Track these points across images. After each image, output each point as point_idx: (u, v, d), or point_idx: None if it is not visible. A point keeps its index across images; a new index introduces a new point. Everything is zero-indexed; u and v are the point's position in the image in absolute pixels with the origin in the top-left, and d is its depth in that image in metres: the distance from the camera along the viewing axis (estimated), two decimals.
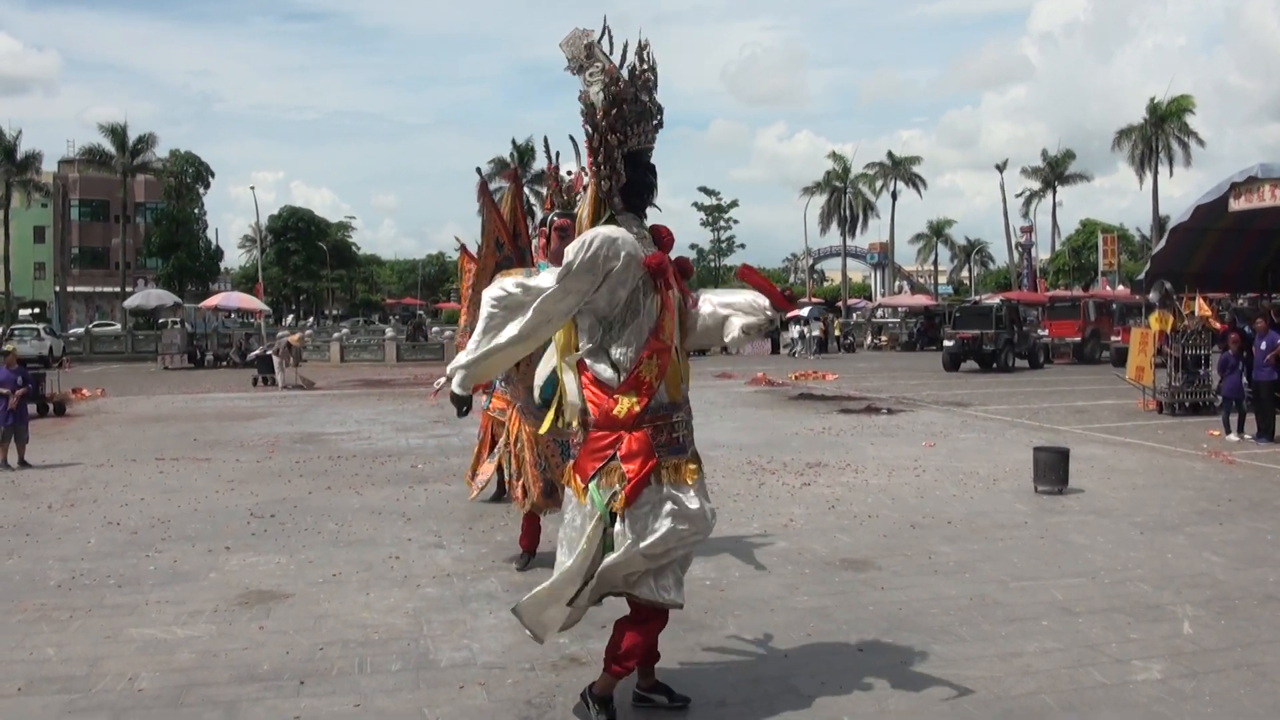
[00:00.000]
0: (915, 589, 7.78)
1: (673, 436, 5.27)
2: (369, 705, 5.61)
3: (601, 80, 5.28)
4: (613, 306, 5.18)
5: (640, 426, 5.13)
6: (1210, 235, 23.05)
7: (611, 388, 5.17)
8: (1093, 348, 40.00)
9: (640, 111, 5.32)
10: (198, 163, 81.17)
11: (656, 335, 5.17)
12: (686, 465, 5.28)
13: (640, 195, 5.45)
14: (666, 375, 5.23)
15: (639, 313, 5.18)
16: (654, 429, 5.18)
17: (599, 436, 5.19)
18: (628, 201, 5.41)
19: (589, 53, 5.35)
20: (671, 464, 5.21)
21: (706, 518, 5.25)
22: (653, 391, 5.17)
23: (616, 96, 5.23)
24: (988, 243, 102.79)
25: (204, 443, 17.09)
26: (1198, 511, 10.62)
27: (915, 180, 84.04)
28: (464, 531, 9.95)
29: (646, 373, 5.16)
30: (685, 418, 5.39)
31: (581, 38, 5.38)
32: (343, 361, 45.29)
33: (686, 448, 5.35)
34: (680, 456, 5.27)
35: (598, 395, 5.21)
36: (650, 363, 5.16)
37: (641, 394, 5.14)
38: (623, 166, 5.31)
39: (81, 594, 7.86)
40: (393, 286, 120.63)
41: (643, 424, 5.14)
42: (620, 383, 5.16)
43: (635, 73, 5.31)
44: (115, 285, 72.92)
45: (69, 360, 40.97)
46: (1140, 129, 69.44)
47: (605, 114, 5.24)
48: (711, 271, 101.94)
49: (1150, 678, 5.92)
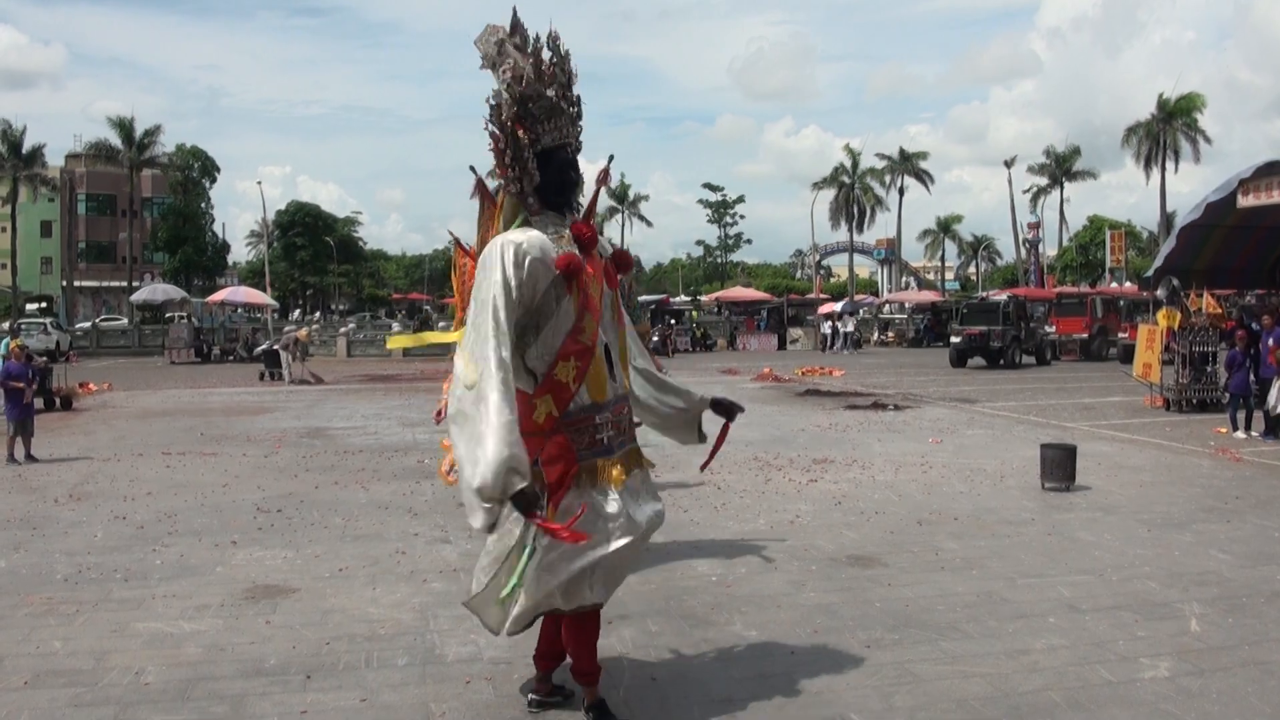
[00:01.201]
0: (922, 586, 7.77)
1: (596, 439, 5.05)
2: (375, 700, 5.61)
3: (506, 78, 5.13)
4: (527, 313, 4.96)
5: (559, 431, 4.96)
6: (1218, 232, 23.00)
7: (528, 393, 4.97)
8: (1100, 344, 39.95)
9: (549, 107, 5.14)
10: (204, 157, 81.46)
11: (575, 337, 4.98)
12: (612, 467, 5.07)
13: (559, 194, 5.24)
14: (588, 376, 5.04)
15: (553, 315, 4.97)
16: (575, 432, 5.00)
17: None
18: (545, 201, 5.21)
19: (500, 49, 5.18)
20: (593, 466, 5.02)
21: (631, 521, 5.03)
22: (571, 394, 5.00)
23: (522, 95, 5.07)
24: (995, 239, 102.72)
25: (211, 437, 17.12)
26: (1205, 509, 10.60)
27: (923, 175, 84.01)
28: (470, 527, 9.92)
29: (563, 374, 4.99)
30: (612, 417, 5.17)
31: (492, 34, 5.21)
32: (349, 356, 45.33)
33: (614, 449, 5.13)
34: (605, 458, 5.07)
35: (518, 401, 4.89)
36: (567, 365, 4.98)
37: (559, 397, 4.98)
38: (534, 166, 5.13)
39: (88, 588, 7.87)
40: (399, 282, 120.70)
41: (561, 429, 4.97)
42: (535, 387, 5.00)
43: (543, 68, 5.14)
44: (122, 280, 73.20)
45: (76, 354, 40.95)
46: (1148, 125, 69.28)
47: (509, 112, 5.08)
48: (718, 267, 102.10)
49: (1158, 675, 5.90)
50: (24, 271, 73.78)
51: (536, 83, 5.10)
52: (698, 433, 6.24)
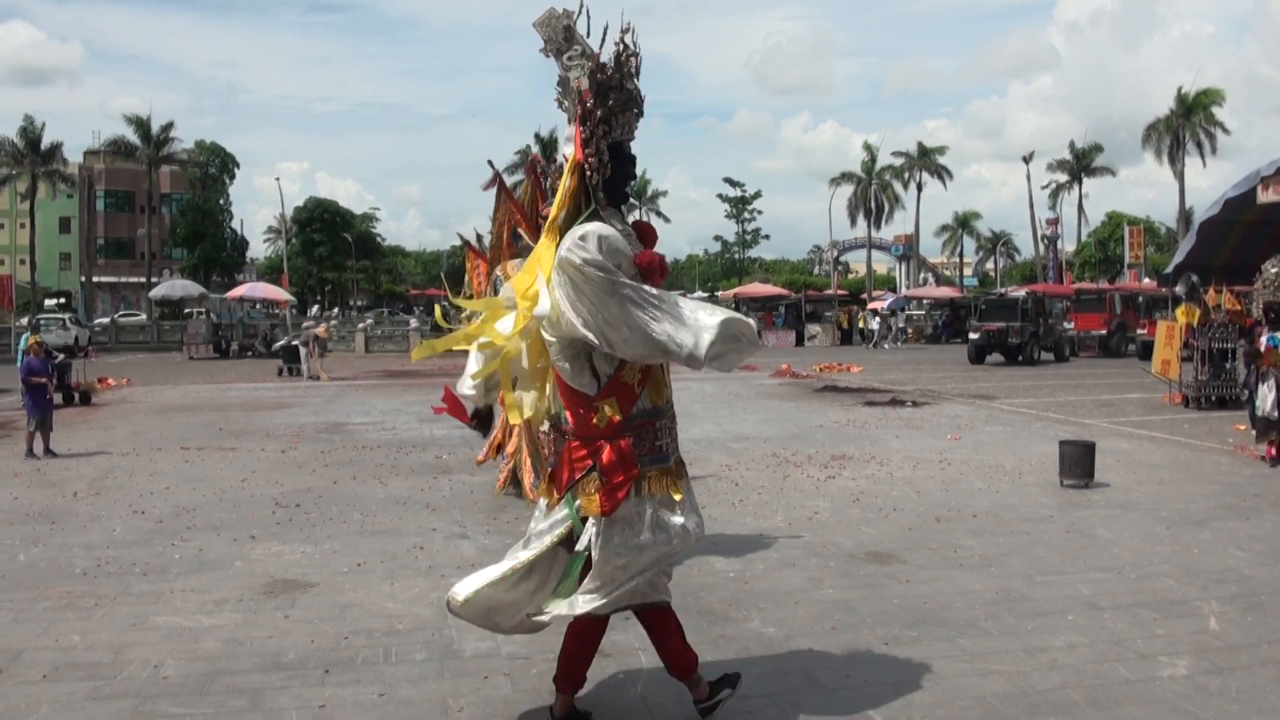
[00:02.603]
0: (940, 583, 7.76)
1: (655, 445, 4.98)
2: (393, 695, 5.63)
3: (583, 65, 5.04)
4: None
5: (622, 435, 4.88)
6: (1237, 228, 22.88)
7: (589, 397, 4.90)
8: (1118, 341, 39.77)
9: (625, 100, 5.06)
10: (223, 154, 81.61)
11: None
12: (670, 475, 4.99)
13: (621, 188, 5.18)
14: (650, 379, 4.98)
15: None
16: (636, 437, 4.91)
17: (576, 446, 4.97)
18: (610, 196, 5.12)
19: (568, 35, 5.14)
20: (653, 474, 4.93)
21: (689, 532, 4.97)
22: (635, 397, 4.92)
23: (604, 84, 4.98)
24: (1013, 235, 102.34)
25: (229, 432, 17.18)
26: (1224, 506, 10.55)
27: (941, 171, 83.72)
28: (488, 522, 9.97)
29: (629, 376, 4.90)
30: (669, 424, 5.09)
31: (560, 19, 5.16)
32: (367, 352, 45.42)
33: (669, 455, 5.04)
34: (663, 465, 4.98)
35: (576, 404, 4.96)
36: (633, 367, 4.90)
37: (624, 400, 4.88)
38: (609, 158, 5.03)
39: (107, 582, 7.91)
40: (417, 278, 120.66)
41: (624, 432, 4.88)
42: (599, 390, 4.90)
43: (621, 58, 5.04)
44: (140, 275, 73.40)
45: (94, 350, 41.12)
46: (1167, 120, 68.86)
47: (596, 102, 4.97)
48: (736, 263, 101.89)
49: (1176, 674, 5.88)
50: (43, 267, 74.00)
51: (616, 74, 5.03)
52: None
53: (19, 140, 65.76)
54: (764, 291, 64.98)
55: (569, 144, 5.21)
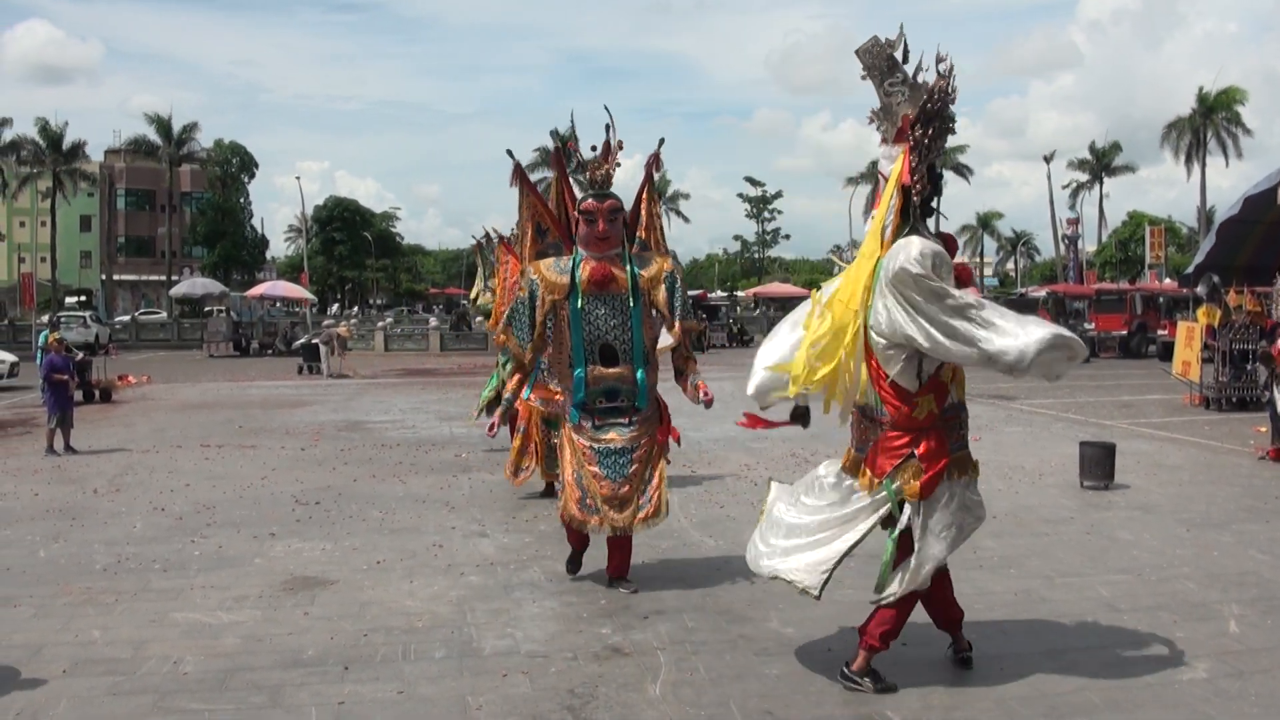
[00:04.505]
0: (960, 584, 7.68)
1: (960, 434, 5.68)
2: (412, 692, 5.64)
3: (904, 92, 5.56)
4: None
5: (937, 426, 5.50)
6: (1259, 228, 22.73)
7: (911, 392, 5.47)
8: (1139, 341, 39.55)
9: (943, 129, 5.55)
10: (243, 153, 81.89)
11: None
12: (969, 460, 5.70)
13: (928, 203, 5.67)
14: (958, 377, 5.64)
15: None
16: (949, 428, 5.58)
17: (895, 436, 5.53)
18: (923, 210, 5.64)
19: (891, 63, 5.59)
20: (959, 459, 5.60)
21: (984, 506, 5.84)
22: (948, 393, 5.56)
23: (930, 113, 5.44)
24: (1034, 234, 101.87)
25: (249, 430, 17.25)
26: (1244, 509, 10.50)
27: (962, 169, 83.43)
28: (507, 520, 9.98)
29: (945, 375, 5.53)
30: (966, 416, 5.80)
31: (884, 48, 5.62)
32: (387, 351, 45.45)
33: (967, 443, 5.76)
34: (963, 452, 5.67)
35: (896, 399, 5.50)
36: (949, 366, 5.51)
37: (940, 396, 5.51)
38: (927, 180, 5.55)
39: (127, 578, 7.95)
40: (436, 276, 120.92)
41: (939, 424, 5.51)
42: (920, 387, 5.47)
43: (946, 89, 5.48)
44: (161, 274, 73.78)
45: (115, 347, 41.28)
46: (1189, 120, 68.44)
47: (924, 128, 5.44)
48: (755, 263, 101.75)
49: (1196, 677, 5.85)
50: (63, 265, 74.22)
51: (941, 103, 5.47)
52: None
53: (41, 139, 66.02)
54: (783, 291, 64.83)
55: (886, 161, 5.72)
